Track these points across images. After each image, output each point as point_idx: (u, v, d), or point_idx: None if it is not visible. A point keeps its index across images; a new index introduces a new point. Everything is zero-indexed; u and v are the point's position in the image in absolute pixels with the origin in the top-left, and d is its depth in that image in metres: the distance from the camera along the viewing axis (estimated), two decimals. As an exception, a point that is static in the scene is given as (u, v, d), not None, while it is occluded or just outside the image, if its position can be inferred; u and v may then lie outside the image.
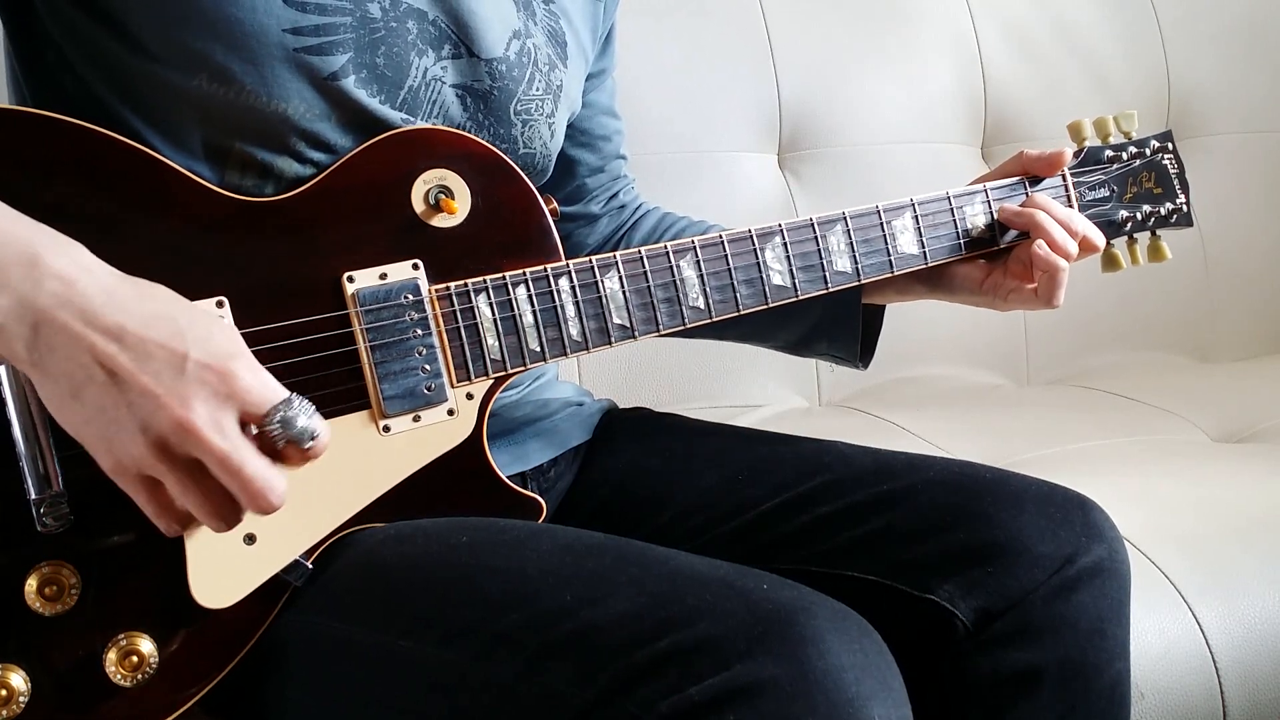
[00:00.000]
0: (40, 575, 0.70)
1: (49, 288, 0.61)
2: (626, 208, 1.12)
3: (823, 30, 1.71)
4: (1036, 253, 0.93)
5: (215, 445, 0.62)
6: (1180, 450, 1.43)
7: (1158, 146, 1.07)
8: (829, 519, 0.86)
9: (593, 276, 0.85)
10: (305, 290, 0.77)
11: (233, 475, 0.62)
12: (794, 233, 0.91)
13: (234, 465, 0.62)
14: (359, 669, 0.73)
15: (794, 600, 0.64)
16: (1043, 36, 1.83)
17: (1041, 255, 0.93)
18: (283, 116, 0.78)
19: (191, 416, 0.61)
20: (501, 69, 0.89)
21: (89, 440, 0.63)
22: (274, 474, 0.64)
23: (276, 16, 0.77)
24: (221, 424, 0.62)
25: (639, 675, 0.61)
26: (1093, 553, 0.83)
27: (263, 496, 0.63)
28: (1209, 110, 1.92)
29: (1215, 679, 1.06)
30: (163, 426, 0.61)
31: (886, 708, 0.63)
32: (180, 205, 0.75)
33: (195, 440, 0.61)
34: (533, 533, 0.75)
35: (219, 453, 0.62)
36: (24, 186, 0.70)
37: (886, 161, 1.71)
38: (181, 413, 0.61)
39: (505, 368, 0.82)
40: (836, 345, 1.03)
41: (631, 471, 0.98)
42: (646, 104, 1.57)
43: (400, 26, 0.83)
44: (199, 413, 0.61)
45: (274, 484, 0.64)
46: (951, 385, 1.73)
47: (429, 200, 0.82)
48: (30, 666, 0.69)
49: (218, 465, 0.62)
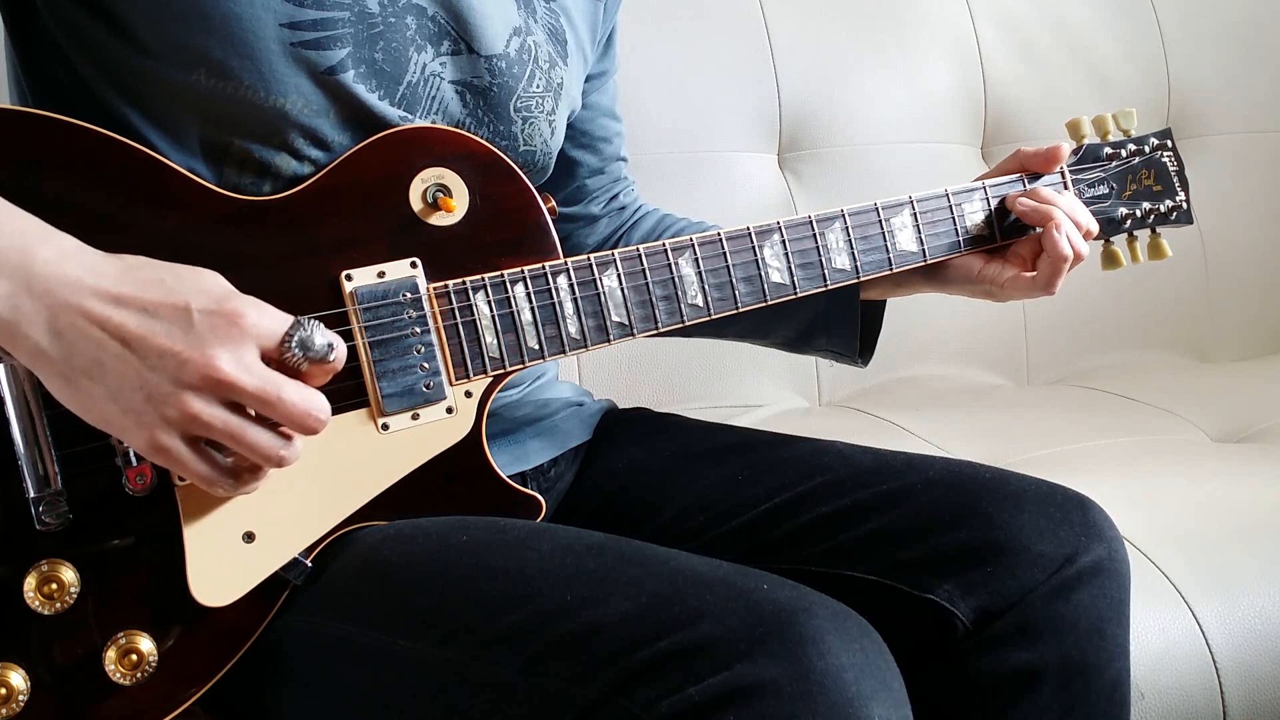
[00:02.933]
0: (39, 574, 0.70)
1: (43, 271, 0.62)
2: (626, 209, 1.13)
3: (823, 30, 1.71)
4: (1056, 243, 0.93)
5: (248, 384, 0.63)
6: (1180, 450, 1.43)
7: (1157, 144, 1.07)
8: (829, 519, 0.86)
9: (591, 274, 0.85)
10: (303, 289, 0.77)
11: (274, 406, 0.64)
12: (792, 230, 0.91)
13: (272, 396, 0.64)
14: (358, 668, 0.73)
15: (794, 600, 0.64)
16: (1043, 36, 1.83)
17: (1061, 249, 0.93)
18: (281, 112, 0.78)
19: (217, 363, 0.62)
20: (501, 65, 0.88)
21: (117, 421, 0.63)
22: (311, 393, 0.66)
23: (274, 11, 0.77)
24: (246, 362, 0.64)
25: (639, 675, 0.61)
26: (1093, 552, 0.83)
27: (311, 416, 0.65)
28: (1209, 110, 1.92)
29: (1215, 679, 1.06)
30: (192, 380, 0.62)
31: (886, 708, 0.63)
32: (179, 204, 0.75)
33: (227, 385, 0.63)
34: (533, 532, 0.75)
35: (254, 390, 0.63)
36: (24, 186, 0.70)
37: (886, 161, 1.71)
38: (205, 362, 0.62)
39: (504, 366, 0.82)
40: (835, 341, 1.03)
41: (631, 471, 0.98)
42: (646, 104, 1.57)
43: (399, 22, 0.83)
44: (222, 358, 0.63)
45: (315, 402, 0.65)
46: (951, 385, 1.73)
47: (427, 199, 0.82)
48: (30, 665, 0.69)
49: (256, 402, 0.64)
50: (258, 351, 0.65)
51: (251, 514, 0.73)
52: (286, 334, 0.66)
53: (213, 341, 0.63)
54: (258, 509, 0.73)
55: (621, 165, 1.12)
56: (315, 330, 0.67)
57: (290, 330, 0.66)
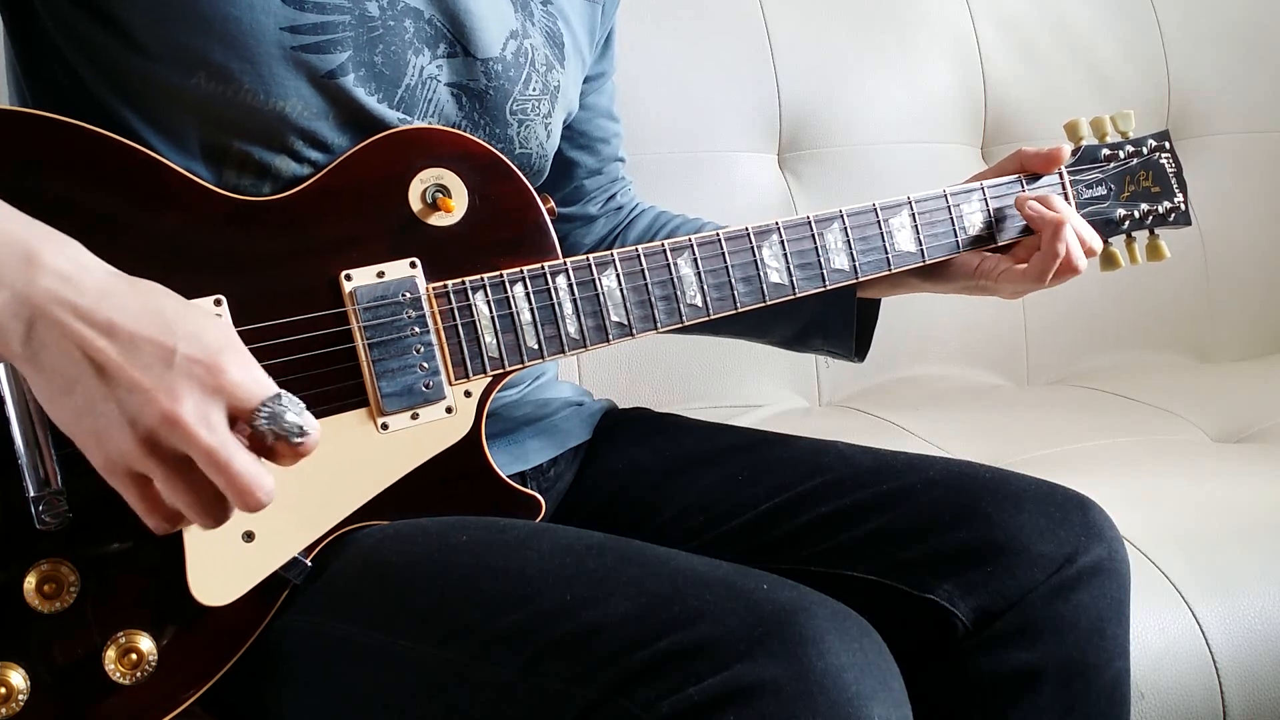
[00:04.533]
0: (39, 573, 0.70)
1: (44, 284, 0.61)
2: (624, 209, 1.13)
3: (823, 30, 1.71)
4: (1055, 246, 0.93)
5: (202, 440, 0.60)
6: (1180, 450, 1.43)
7: (1155, 145, 1.07)
8: (829, 519, 0.86)
9: (590, 275, 0.85)
10: (303, 289, 0.77)
11: (220, 470, 0.61)
12: (791, 231, 0.91)
13: (221, 460, 0.61)
14: (358, 668, 0.73)
15: (794, 600, 0.64)
16: (1043, 36, 1.83)
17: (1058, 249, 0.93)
18: (280, 115, 0.78)
19: (179, 410, 0.60)
20: (497, 69, 0.89)
21: (79, 436, 0.62)
22: (261, 471, 0.62)
23: (274, 14, 0.77)
24: (209, 418, 0.61)
25: (639, 675, 0.61)
26: (1092, 552, 0.83)
27: (250, 493, 0.62)
28: (1209, 110, 1.92)
29: (1215, 679, 1.06)
30: (150, 420, 0.60)
31: (886, 707, 0.63)
32: (179, 204, 0.75)
33: (182, 434, 0.60)
34: (533, 532, 0.75)
35: (206, 447, 0.61)
36: (24, 186, 0.70)
37: (886, 161, 1.71)
38: (169, 406, 0.60)
39: (503, 365, 0.82)
40: (832, 340, 1.03)
41: (631, 471, 0.98)
42: (646, 104, 1.57)
43: (398, 25, 0.83)
44: (186, 406, 0.60)
45: (261, 481, 0.62)
46: (951, 385, 1.73)
47: (426, 199, 0.82)
48: (29, 664, 0.69)
49: (205, 460, 0.61)
50: (225, 410, 0.62)
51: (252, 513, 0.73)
52: (263, 402, 0.63)
53: (184, 387, 0.61)
54: (258, 509, 0.73)
55: (619, 166, 1.13)
56: (291, 408, 0.63)
57: (268, 400, 0.63)
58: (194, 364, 0.61)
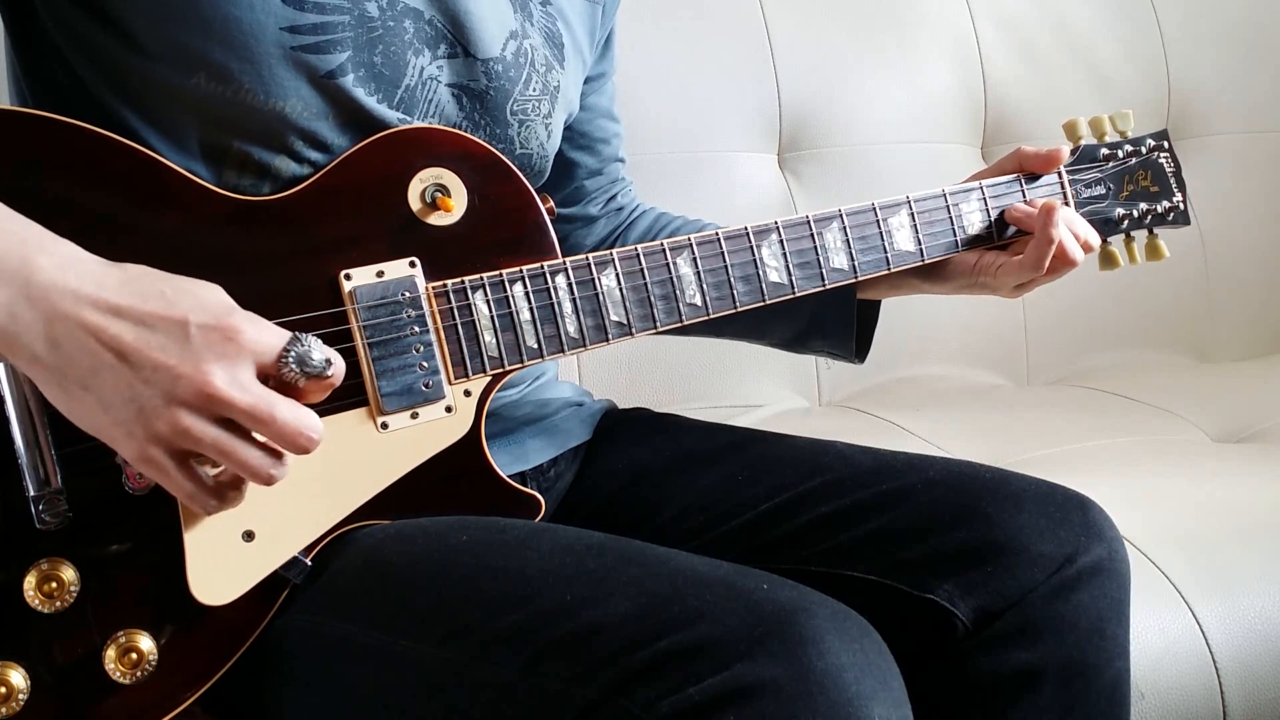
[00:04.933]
0: (39, 572, 0.70)
1: (42, 279, 0.61)
2: (624, 209, 1.13)
3: (823, 30, 1.71)
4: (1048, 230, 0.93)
5: (241, 401, 0.62)
6: (1180, 450, 1.43)
7: (1153, 145, 1.07)
8: (829, 519, 0.86)
9: (589, 274, 0.85)
10: (303, 288, 0.77)
11: (266, 424, 0.63)
12: (790, 230, 0.91)
13: (265, 415, 0.63)
14: (358, 667, 0.73)
15: (794, 600, 0.64)
16: (1043, 37, 1.83)
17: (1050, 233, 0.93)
18: (280, 115, 0.78)
19: (211, 379, 0.62)
20: (497, 69, 0.89)
21: (108, 430, 0.63)
22: (305, 413, 0.65)
23: (274, 15, 0.77)
24: (240, 380, 0.63)
25: (639, 676, 0.61)
26: (1092, 552, 0.83)
27: (302, 435, 0.64)
28: (1209, 110, 1.92)
29: (1215, 679, 1.06)
30: (185, 396, 0.62)
31: (886, 707, 0.63)
32: (178, 204, 0.75)
33: (220, 402, 0.62)
34: (533, 532, 0.75)
35: (246, 407, 0.63)
36: (24, 186, 0.70)
37: (886, 161, 1.71)
38: (199, 378, 0.62)
39: (503, 365, 0.82)
40: (831, 340, 1.03)
41: (631, 471, 0.98)
42: (646, 104, 1.57)
43: (397, 25, 0.83)
44: (216, 374, 0.62)
45: (308, 421, 0.65)
46: (951, 385, 1.73)
47: (425, 199, 0.82)
48: (29, 664, 0.69)
49: (249, 419, 0.63)
50: (254, 368, 0.64)
51: (251, 513, 0.73)
52: (284, 350, 0.65)
53: (208, 357, 0.62)
54: (257, 508, 0.73)
55: (619, 166, 1.13)
56: (313, 346, 0.66)
57: (288, 346, 0.65)
58: (210, 332, 0.63)
